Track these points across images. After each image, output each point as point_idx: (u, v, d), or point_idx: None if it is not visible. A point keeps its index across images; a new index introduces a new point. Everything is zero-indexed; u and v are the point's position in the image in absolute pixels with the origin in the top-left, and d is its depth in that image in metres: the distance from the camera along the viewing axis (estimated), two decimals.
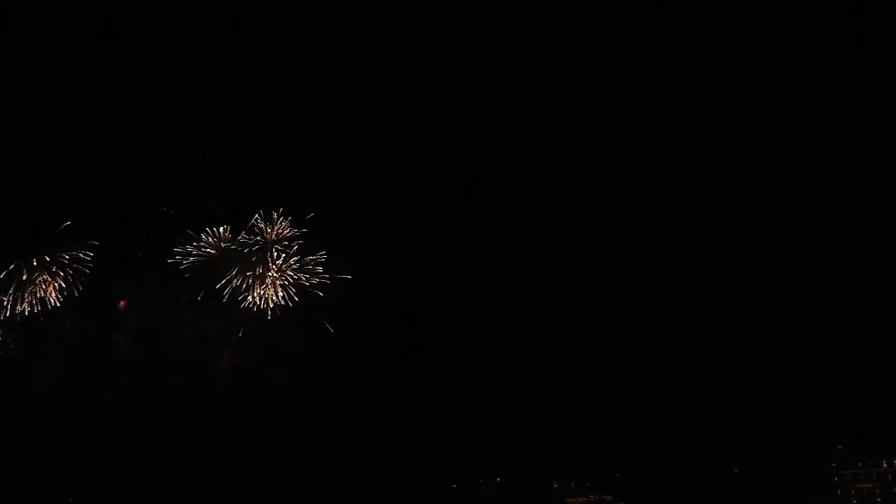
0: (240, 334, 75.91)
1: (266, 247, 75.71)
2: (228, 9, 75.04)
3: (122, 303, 76.09)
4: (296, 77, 77.77)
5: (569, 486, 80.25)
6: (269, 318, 75.62)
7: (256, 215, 76.45)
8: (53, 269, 73.04)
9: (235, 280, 75.10)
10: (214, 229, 76.06)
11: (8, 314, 72.75)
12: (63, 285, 72.75)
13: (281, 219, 77.00)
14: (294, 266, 75.93)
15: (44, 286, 72.81)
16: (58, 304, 72.94)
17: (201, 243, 75.43)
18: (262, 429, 77.26)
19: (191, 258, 75.67)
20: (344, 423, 78.54)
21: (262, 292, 74.88)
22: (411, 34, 76.12)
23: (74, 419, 75.52)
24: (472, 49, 77.25)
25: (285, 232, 76.81)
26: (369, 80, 78.64)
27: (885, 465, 77.23)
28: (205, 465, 76.59)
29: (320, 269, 75.91)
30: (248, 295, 75.28)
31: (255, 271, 75.19)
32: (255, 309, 75.30)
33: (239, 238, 75.72)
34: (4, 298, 71.87)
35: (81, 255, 73.22)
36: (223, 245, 75.19)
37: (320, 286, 76.19)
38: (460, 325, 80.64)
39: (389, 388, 79.73)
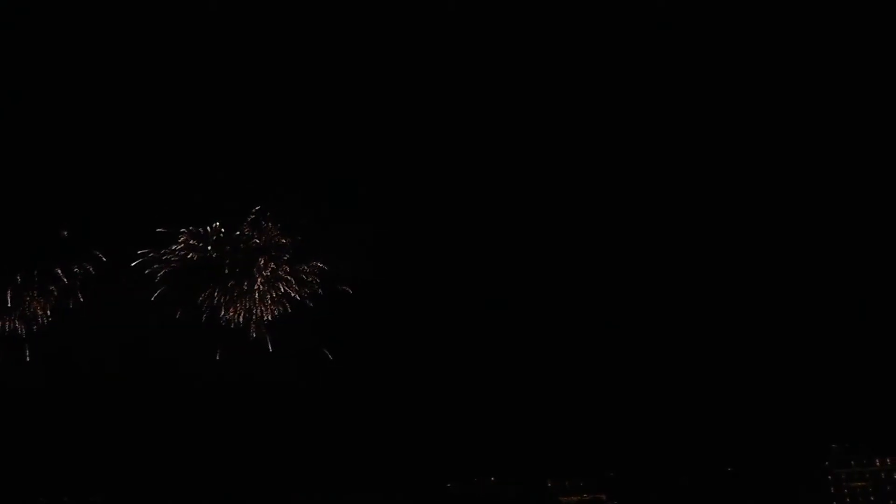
0: (217, 358, 74.42)
1: (253, 255, 73.81)
2: (225, 10, 73.78)
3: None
4: (288, 77, 76.93)
5: (563, 485, 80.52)
6: (253, 335, 74.52)
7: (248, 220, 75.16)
8: (37, 283, 71.47)
9: (216, 298, 73.37)
10: (201, 230, 74.05)
11: None
12: (52, 301, 71.43)
13: (269, 224, 75.39)
14: (285, 277, 74.33)
15: (28, 300, 71.38)
16: (45, 322, 71.93)
17: (179, 247, 73.18)
18: (260, 430, 77.90)
19: (172, 263, 73.55)
20: (339, 425, 78.78)
21: (248, 305, 73.28)
22: (405, 35, 75.16)
23: (69, 420, 76.32)
24: (471, 49, 76.27)
25: (275, 239, 75.10)
26: (364, 78, 77.77)
27: (878, 464, 77.40)
28: (201, 466, 77.29)
29: (314, 278, 74.40)
30: (231, 310, 73.61)
31: (241, 285, 73.43)
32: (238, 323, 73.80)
33: (226, 248, 74.01)
34: None
35: (76, 270, 72.04)
36: (209, 248, 73.17)
37: (313, 297, 75.03)
38: (455, 326, 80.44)
39: (384, 389, 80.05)
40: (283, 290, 74.32)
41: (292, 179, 76.31)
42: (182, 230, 72.44)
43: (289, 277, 74.37)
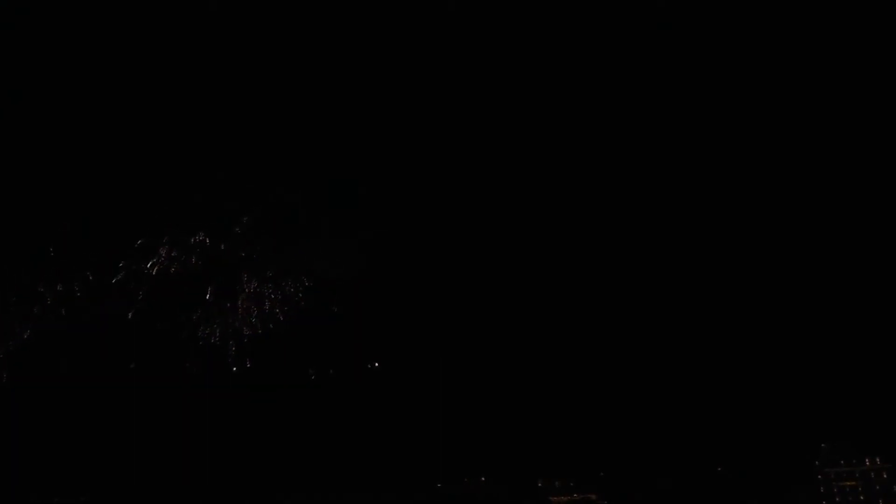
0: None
1: (236, 270, 71.75)
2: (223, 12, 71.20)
3: None
4: (287, 77, 74.71)
5: (553, 485, 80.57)
6: (233, 349, 73.02)
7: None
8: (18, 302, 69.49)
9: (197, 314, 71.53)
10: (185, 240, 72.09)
11: None
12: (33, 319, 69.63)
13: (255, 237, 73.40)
14: (269, 296, 72.34)
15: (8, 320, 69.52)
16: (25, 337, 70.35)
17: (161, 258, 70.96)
18: (250, 430, 77.75)
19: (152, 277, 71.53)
20: (329, 425, 78.71)
21: (229, 321, 71.44)
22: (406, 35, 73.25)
23: (60, 420, 75.91)
24: (472, 49, 74.51)
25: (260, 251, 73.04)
26: (364, 78, 75.87)
27: (867, 463, 77.63)
28: (193, 466, 77.14)
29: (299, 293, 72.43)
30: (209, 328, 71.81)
31: (222, 302, 71.44)
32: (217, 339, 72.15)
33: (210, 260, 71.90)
34: None
35: (59, 288, 69.97)
36: (193, 261, 71.01)
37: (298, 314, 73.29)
38: (444, 327, 79.97)
39: (374, 389, 79.72)
40: (266, 307, 72.64)
41: (292, 180, 74.84)
42: (165, 239, 70.43)
43: (273, 295, 72.56)
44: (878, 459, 77.62)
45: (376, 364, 79.06)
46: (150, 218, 68.66)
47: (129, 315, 68.39)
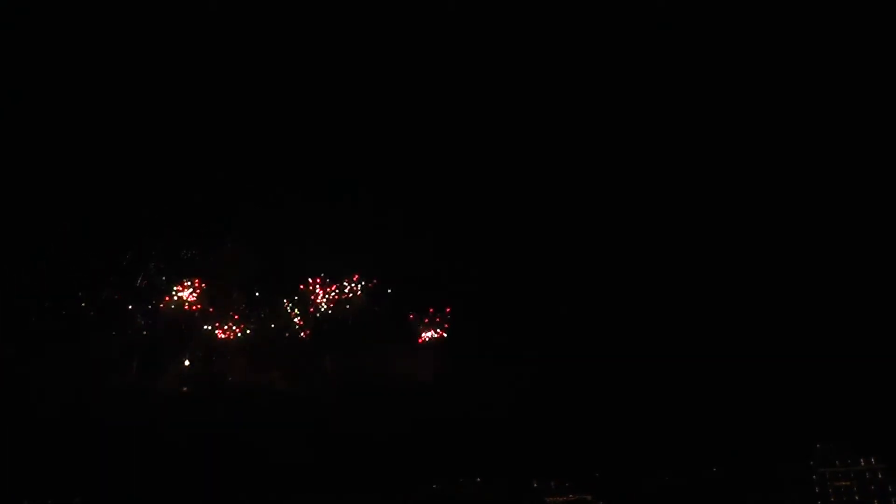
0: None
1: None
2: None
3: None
4: (287, 77, 74.71)
5: (549, 486, 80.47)
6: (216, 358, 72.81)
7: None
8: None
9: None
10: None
11: None
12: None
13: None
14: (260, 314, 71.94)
15: None
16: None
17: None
18: (244, 431, 77.21)
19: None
20: (323, 425, 78.38)
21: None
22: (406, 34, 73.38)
23: (54, 420, 75.24)
24: (471, 49, 74.70)
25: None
26: (364, 77, 76.00)
27: (863, 463, 77.61)
28: (187, 466, 76.55)
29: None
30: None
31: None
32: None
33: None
34: None
35: (47, 305, 69.49)
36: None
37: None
38: (442, 328, 79.75)
39: (369, 388, 79.58)
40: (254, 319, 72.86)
41: (292, 179, 74.78)
42: (153, 253, 69.91)
43: (263, 314, 72.55)
44: (873, 460, 77.56)
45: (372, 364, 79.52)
46: (148, 218, 68.73)
47: (119, 322, 68.50)
